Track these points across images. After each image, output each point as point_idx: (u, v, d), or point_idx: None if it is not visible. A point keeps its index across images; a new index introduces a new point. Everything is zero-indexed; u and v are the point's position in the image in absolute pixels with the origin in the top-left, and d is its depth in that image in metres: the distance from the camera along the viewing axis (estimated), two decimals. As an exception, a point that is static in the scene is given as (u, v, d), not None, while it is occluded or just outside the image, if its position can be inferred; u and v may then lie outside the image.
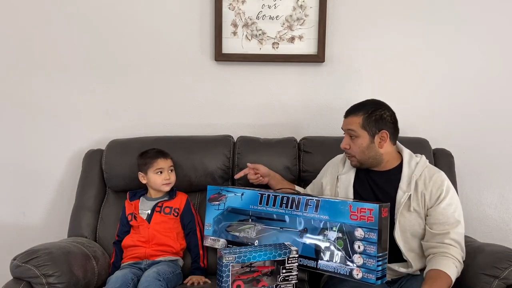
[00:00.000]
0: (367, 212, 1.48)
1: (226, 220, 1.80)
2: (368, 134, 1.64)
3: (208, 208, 1.85)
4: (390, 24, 2.15)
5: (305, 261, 1.61)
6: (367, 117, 1.64)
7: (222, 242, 1.80)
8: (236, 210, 1.78)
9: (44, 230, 2.17)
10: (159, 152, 1.87)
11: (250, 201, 1.75)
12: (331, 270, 1.55)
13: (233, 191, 1.80)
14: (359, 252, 1.49)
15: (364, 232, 1.48)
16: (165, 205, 1.85)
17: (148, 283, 1.59)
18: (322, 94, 2.18)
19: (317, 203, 1.60)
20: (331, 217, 1.56)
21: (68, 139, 2.17)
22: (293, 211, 1.66)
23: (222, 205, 1.81)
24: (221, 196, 1.82)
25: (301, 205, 1.64)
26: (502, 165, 2.21)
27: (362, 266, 1.48)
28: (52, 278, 1.53)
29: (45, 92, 2.15)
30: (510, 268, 1.53)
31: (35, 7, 2.10)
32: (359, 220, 1.49)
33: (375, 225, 1.46)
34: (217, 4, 2.09)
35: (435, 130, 2.15)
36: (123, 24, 2.13)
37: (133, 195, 1.89)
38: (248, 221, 1.75)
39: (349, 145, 1.67)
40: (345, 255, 1.52)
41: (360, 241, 1.49)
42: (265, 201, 1.72)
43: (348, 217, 1.52)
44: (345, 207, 1.53)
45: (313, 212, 1.61)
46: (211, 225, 1.83)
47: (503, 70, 2.18)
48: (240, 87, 2.18)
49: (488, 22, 2.15)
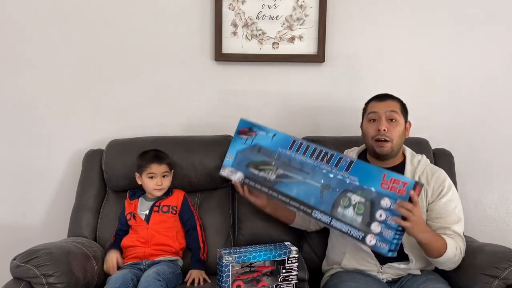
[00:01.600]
0: (400, 185, 1.43)
1: (249, 156, 1.72)
2: (404, 121, 1.70)
3: (234, 139, 1.78)
4: (390, 24, 2.15)
5: (319, 214, 1.54)
6: (402, 104, 1.71)
7: (239, 175, 1.72)
8: (263, 150, 1.70)
9: (44, 230, 2.17)
10: (156, 156, 1.85)
11: (280, 143, 1.67)
12: (344, 230, 1.49)
13: (265, 129, 1.72)
14: (380, 220, 1.43)
15: (391, 202, 1.42)
16: (163, 204, 1.85)
17: (148, 283, 1.59)
18: (322, 94, 2.18)
19: (350, 163, 1.53)
20: (360, 180, 1.50)
21: (68, 139, 2.17)
22: (321, 165, 1.57)
23: (250, 141, 1.73)
24: (252, 131, 1.74)
25: (333, 161, 1.56)
26: (502, 165, 2.21)
27: (378, 235, 1.43)
28: (52, 278, 1.53)
29: (45, 92, 2.15)
30: (510, 268, 1.53)
31: (35, 7, 2.10)
32: (390, 190, 1.44)
33: (405, 198, 1.41)
34: (217, 4, 2.09)
35: (435, 130, 2.15)
36: (123, 24, 2.13)
37: (133, 194, 1.90)
38: (271, 162, 1.67)
39: (387, 128, 1.65)
40: (362, 220, 1.46)
41: (384, 210, 1.43)
42: (296, 147, 1.64)
43: (378, 184, 1.46)
44: (378, 174, 1.47)
45: (343, 170, 1.53)
46: (233, 156, 1.75)
47: (504, 70, 2.18)
48: (240, 87, 2.18)
49: (488, 22, 2.15)
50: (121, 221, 1.88)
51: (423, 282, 1.57)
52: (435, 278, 1.61)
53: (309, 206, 1.55)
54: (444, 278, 1.63)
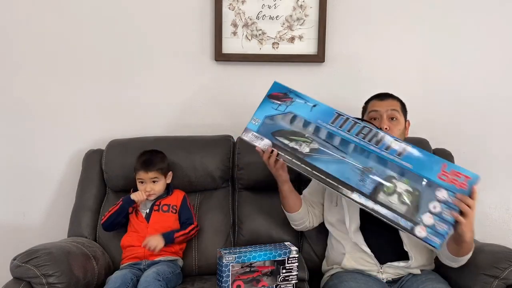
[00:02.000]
0: (461, 178, 1.36)
1: (279, 124, 1.55)
2: (404, 119, 1.72)
3: (264, 102, 1.60)
4: (390, 24, 2.15)
5: (361, 198, 1.41)
6: (402, 103, 1.74)
7: (266, 142, 1.55)
8: (298, 119, 1.53)
9: (44, 230, 2.17)
10: (144, 163, 1.82)
11: (320, 115, 1.52)
12: (390, 217, 1.39)
13: (304, 98, 1.57)
14: (433, 212, 1.36)
15: (448, 195, 1.35)
16: (163, 203, 1.85)
17: (147, 283, 1.59)
18: (322, 94, 2.16)
19: (404, 149, 1.43)
20: (414, 167, 1.40)
21: (68, 139, 2.17)
22: (369, 145, 1.45)
23: (283, 107, 1.56)
24: (287, 97, 1.57)
25: (383, 144, 1.44)
26: (502, 165, 2.21)
27: (430, 227, 1.35)
28: (52, 278, 1.53)
29: (45, 92, 2.15)
30: (510, 268, 1.53)
31: (35, 7, 2.10)
32: (449, 183, 1.36)
33: (465, 193, 1.35)
34: (217, 4, 2.09)
35: (435, 130, 2.15)
36: (123, 24, 2.13)
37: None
38: (304, 134, 1.51)
39: (388, 126, 1.66)
40: (408, 209, 1.37)
41: (439, 202, 1.36)
42: (340, 122, 1.50)
43: (435, 174, 1.38)
44: (436, 163, 1.39)
45: (395, 154, 1.43)
46: (260, 121, 1.58)
47: (504, 70, 2.18)
48: (240, 87, 2.18)
49: (488, 22, 2.15)
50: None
51: (423, 282, 1.57)
52: (435, 278, 1.61)
53: (349, 186, 1.43)
54: (444, 278, 1.63)
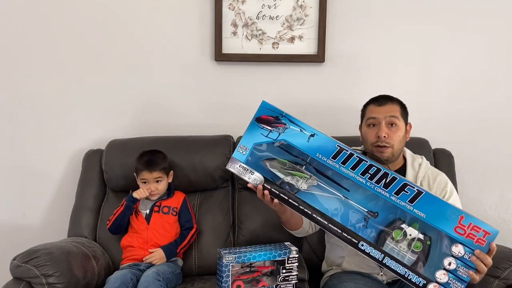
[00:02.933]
0: (480, 233, 1.27)
1: (272, 154, 1.37)
2: (404, 124, 1.64)
3: (252, 127, 1.40)
4: (390, 24, 2.15)
5: (368, 248, 1.30)
6: (402, 106, 1.65)
7: (256, 176, 1.37)
8: (293, 150, 1.36)
9: (44, 230, 2.17)
10: (148, 163, 1.81)
11: (320, 148, 1.35)
12: (401, 272, 1.29)
13: (300, 125, 1.38)
14: (448, 269, 1.28)
15: (465, 251, 1.27)
16: (163, 205, 1.85)
17: (147, 283, 1.59)
18: (322, 94, 2.18)
19: (417, 194, 1.29)
20: (428, 217, 1.28)
21: (68, 139, 2.17)
22: (377, 187, 1.31)
23: (275, 134, 1.38)
24: (279, 123, 1.39)
25: (393, 187, 1.30)
26: (502, 165, 2.21)
27: (444, 285, 1.27)
28: (52, 278, 1.53)
29: (45, 92, 2.15)
30: (510, 268, 1.53)
31: (35, 7, 2.10)
32: (465, 237, 1.27)
33: (484, 250, 1.27)
34: (217, 4, 2.09)
35: (435, 130, 2.15)
36: (123, 24, 2.13)
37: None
38: (301, 167, 1.35)
39: (387, 134, 1.58)
40: (418, 259, 1.28)
41: (454, 258, 1.27)
42: (343, 158, 1.34)
43: (452, 227, 1.27)
44: (453, 215, 1.28)
45: (406, 201, 1.29)
46: (248, 150, 1.38)
47: (504, 70, 2.18)
48: (240, 87, 2.18)
49: (488, 22, 2.15)
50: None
51: (423, 282, 1.56)
52: (435, 278, 1.60)
53: (354, 234, 1.31)
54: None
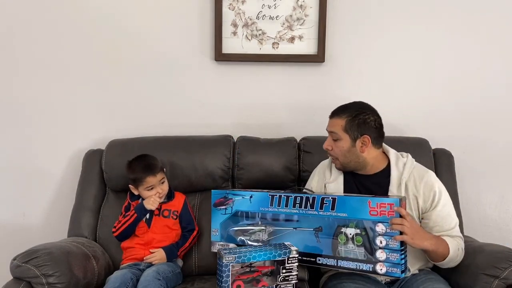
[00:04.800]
0: (387, 207, 1.47)
1: (234, 224, 1.75)
2: (350, 138, 1.63)
3: (214, 213, 1.79)
4: (390, 24, 2.15)
5: (324, 260, 1.58)
6: (350, 121, 1.63)
7: (232, 246, 1.74)
8: (245, 214, 1.73)
9: (44, 230, 2.17)
10: (148, 168, 1.77)
11: (260, 203, 1.71)
12: (353, 267, 1.53)
13: (240, 194, 1.75)
14: (382, 247, 1.48)
15: (385, 227, 1.47)
16: (164, 208, 1.83)
17: (147, 283, 1.59)
18: (322, 94, 2.18)
19: (334, 201, 1.57)
20: (349, 214, 1.53)
21: (68, 139, 2.17)
22: (307, 211, 1.61)
23: (230, 209, 1.76)
24: (228, 200, 1.77)
25: (316, 204, 1.60)
26: (502, 165, 2.21)
27: (386, 261, 1.47)
28: (52, 278, 1.53)
29: (45, 92, 2.15)
30: (510, 268, 1.53)
31: (35, 7, 2.10)
32: (380, 215, 1.48)
33: (396, 216, 1.46)
34: (217, 4, 2.09)
35: (435, 130, 2.15)
36: (123, 24, 2.13)
37: (133, 195, 1.86)
38: (258, 224, 1.71)
39: (331, 146, 1.68)
40: (365, 251, 1.50)
41: (382, 236, 1.47)
42: (277, 202, 1.68)
43: (367, 213, 1.50)
44: (363, 203, 1.51)
45: (329, 210, 1.57)
46: (218, 230, 1.78)
47: (503, 70, 2.18)
48: (240, 87, 2.18)
49: (488, 22, 2.15)
50: (127, 212, 1.83)
51: (423, 282, 1.56)
52: (434, 278, 1.61)
53: (310, 254, 1.60)
54: (444, 278, 1.63)
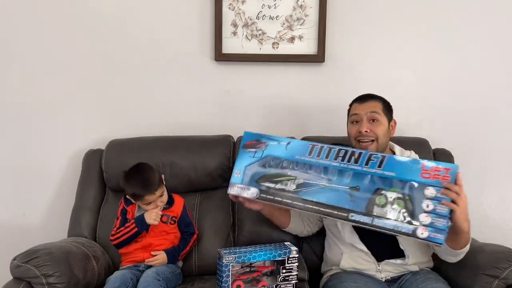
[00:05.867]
0: (442, 172, 1.40)
1: (261, 170, 1.58)
2: (387, 120, 1.71)
3: (241, 154, 1.62)
4: (390, 24, 2.15)
5: (357, 216, 1.44)
6: (384, 103, 1.73)
7: (253, 191, 1.56)
8: (276, 160, 1.57)
9: (44, 230, 2.17)
10: (145, 186, 1.71)
11: (296, 151, 1.56)
12: (390, 227, 1.41)
13: (276, 139, 1.60)
14: (428, 211, 1.38)
15: (436, 191, 1.39)
16: (162, 213, 1.78)
17: (147, 283, 1.59)
18: (322, 94, 2.18)
19: (382, 159, 1.47)
20: (397, 174, 1.43)
21: (68, 139, 2.17)
22: (349, 165, 1.49)
23: (260, 153, 1.60)
24: (260, 143, 1.61)
25: (362, 160, 1.48)
26: (502, 165, 2.21)
27: (430, 225, 1.38)
28: (52, 278, 1.53)
29: (45, 92, 2.15)
30: (510, 268, 1.53)
31: (35, 8, 2.10)
32: (432, 179, 1.40)
33: (451, 182, 1.39)
34: (217, 4, 2.09)
35: (435, 130, 2.15)
36: (123, 24, 2.13)
37: (127, 199, 1.82)
38: (287, 173, 1.55)
39: (369, 129, 1.67)
40: (406, 213, 1.40)
41: (430, 199, 1.39)
42: (317, 152, 1.54)
43: (418, 175, 1.41)
44: (416, 164, 1.43)
45: (375, 167, 1.46)
46: (241, 172, 1.60)
47: (503, 70, 2.18)
48: (240, 87, 2.18)
49: (488, 22, 2.15)
50: (123, 220, 1.80)
51: (423, 282, 1.57)
52: (434, 278, 1.61)
53: (343, 209, 1.46)
54: (444, 278, 1.63)
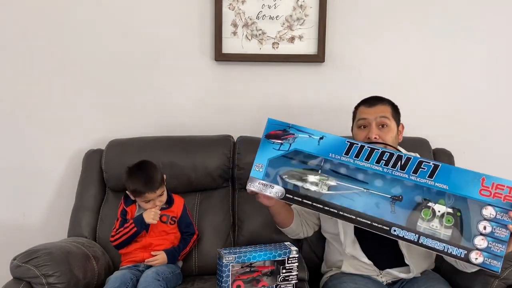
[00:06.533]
0: (505, 190, 1.27)
1: (287, 166, 1.42)
2: (396, 124, 1.63)
3: (263, 145, 1.45)
4: (390, 24, 2.15)
5: (401, 232, 1.32)
6: (393, 107, 1.65)
7: (277, 189, 1.42)
8: (306, 157, 1.41)
9: (44, 230, 2.17)
10: (147, 183, 1.71)
11: (331, 148, 1.40)
12: (439, 248, 1.30)
13: (307, 131, 1.43)
14: (485, 233, 1.27)
15: (496, 211, 1.27)
16: (162, 213, 1.79)
17: (147, 283, 1.59)
18: (322, 94, 2.19)
19: (435, 168, 1.32)
20: (450, 188, 1.30)
21: (68, 139, 2.17)
22: (394, 171, 1.34)
23: (287, 146, 1.43)
24: (288, 134, 1.44)
25: (410, 166, 1.33)
26: (502, 165, 2.20)
27: (486, 250, 1.27)
28: (52, 278, 1.53)
29: (45, 92, 2.15)
30: (510, 268, 1.53)
31: (35, 8, 2.10)
32: (492, 198, 1.27)
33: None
34: (217, 4, 2.09)
35: (435, 130, 2.15)
36: (123, 24, 2.13)
37: (127, 199, 1.82)
38: (317, 171, 1.39)
39: (378, 135, 1.57)
40: (453, 233, 1.29)
41: (488, 221, 1.27)
42: (355, 152, 1.38)
43: (476, 191, 1.28)
44: (475, 179, 1.29)
45: (425, 177, 1.32)
46: (264, 166, 1.43)
47: (503, 70, 2.18)
48: (240, 87, 2.18)
49: (488, 22, 2.15)
50: (123, 219, 1.80)
51: (424, 283, 1.56)
52: (435, 279, 1.61)
53: (384, 222, 1.33)
54: (444, 278, 1.63)
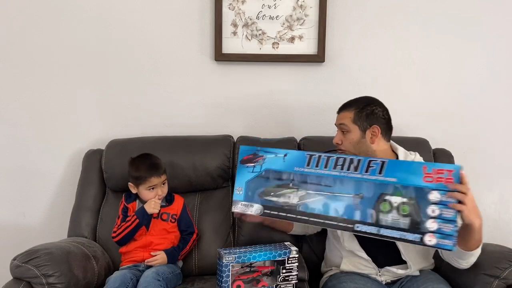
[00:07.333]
0: (445, 174, 1.35)
1: (262, 184, 1.57)
2: (359, 129, 1.65)
3: (240, 170, 1.62)
4: (390, 24, 2.15)
5: (363, 227, 1.42)
6: (359, 112, 1.66)
7: (257, 207, 1.57)
8: (276, 174, 1.56)
9: (44, 230, 2.17)
10: (153, 167, 1.75)
11: (295, 162, 1.54)
12: (397, 236, 1.38)
13: (273, 152, 1.59)
14: (434, 216, 1.35)
15: (440, 195, 1.34)
16: (163, 211, 1.80)
17: (147, 283, 1.59)
18: (322, 94, 2.19)
19: (382, 164, 1.43)
20: (399, 179, 1.40)
21: (68, 139, 2.17)
22: (349, 174, 1.46)
23: (258, 168, 1.59)
24: (258, 157, 1.60)
25: (362, 167, 1.45)
26: (502, 165, 2.21)
27: (437, 232, 1.34)
28: (52, 278, 1.53)
29: (44, 92, 2.15)
30: (510, 268, 1.53)
31: (35, 7, 2.10)
32: (435, 182, 1.35)
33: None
34: (217, 4, 2.09)
35: (435, 130, 2.15)
36: (123, 24, 2.13)
37: (129, 197, 1.84)
38: (288, 185, 1.54)
39: (341, 141, 1.68)
40: (412, 220, 1.37)
41: (435, 204, 1.35)
42: (315, 162, 1.52)
43: (421, 179, 1.37)
44: (417, 168, 1.39)
45: (376, 174, 1.43)
46: (243, 189, 1.59)
47: (503, 70, 2.18)
48: (240, 87, 2.18)
49: (488, 23, 2.15)
50: (124, 214, 1.81)
51: (423, 283, 1.56)
52: (435, 278, 1.61)
53: (347, 220, 1.44)
54: (444, 278, 1.63)
